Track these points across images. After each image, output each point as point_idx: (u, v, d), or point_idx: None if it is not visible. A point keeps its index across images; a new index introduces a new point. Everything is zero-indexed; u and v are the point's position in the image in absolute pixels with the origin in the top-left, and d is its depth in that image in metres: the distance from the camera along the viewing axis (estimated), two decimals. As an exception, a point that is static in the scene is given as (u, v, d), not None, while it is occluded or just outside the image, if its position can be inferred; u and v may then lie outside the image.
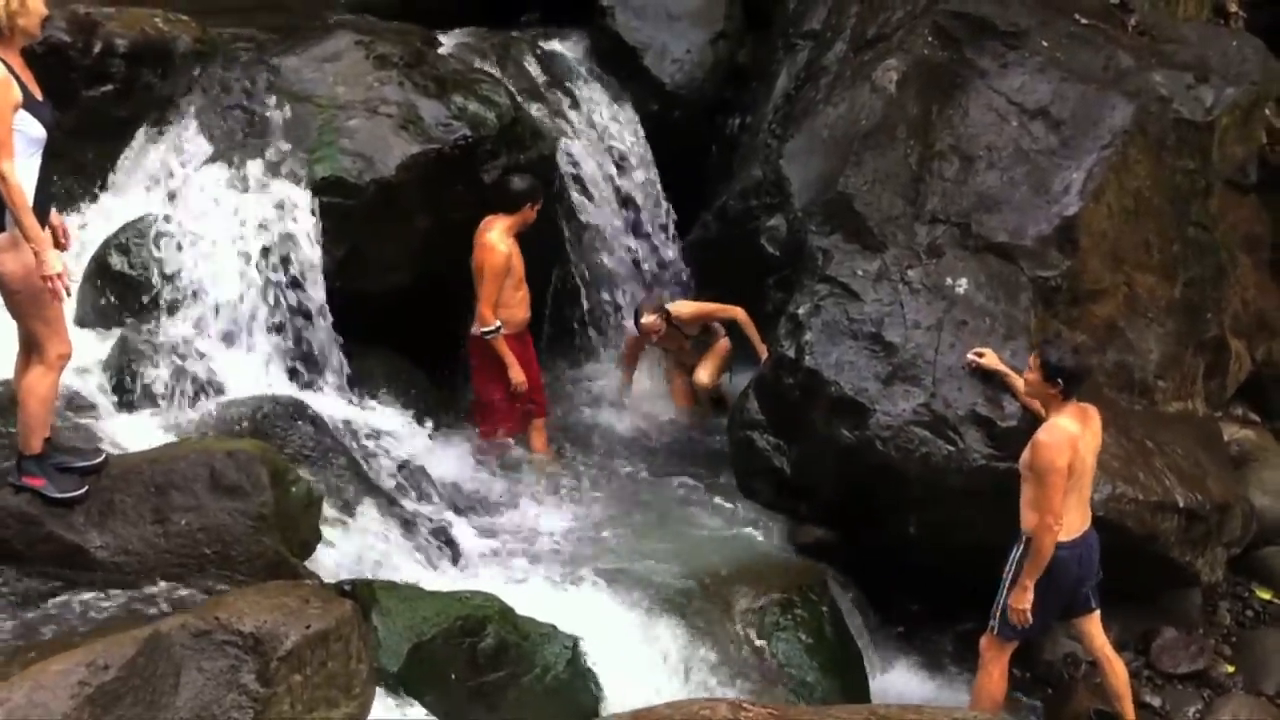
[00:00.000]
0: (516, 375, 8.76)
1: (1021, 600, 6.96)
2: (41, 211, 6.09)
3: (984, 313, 8.12)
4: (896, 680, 7.91)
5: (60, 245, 6.41)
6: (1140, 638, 8.25)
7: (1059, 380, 6.88)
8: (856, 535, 8.19)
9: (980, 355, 7.70)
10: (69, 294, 6.21)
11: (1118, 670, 7.34)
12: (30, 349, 6.30)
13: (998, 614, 7.08)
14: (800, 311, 8.26)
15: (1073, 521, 6.97)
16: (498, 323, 8.66)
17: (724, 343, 9.60)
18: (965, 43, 9.09)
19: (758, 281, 9.23)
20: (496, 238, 8.62)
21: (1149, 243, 8.78)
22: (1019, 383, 7.49)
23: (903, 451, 7.70)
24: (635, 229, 10.13)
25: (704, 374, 9.52)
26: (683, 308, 9.45)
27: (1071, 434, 6.86)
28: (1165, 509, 7.82)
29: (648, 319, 9.24)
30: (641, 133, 10.29)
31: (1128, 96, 8.75)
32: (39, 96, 6.09)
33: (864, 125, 8.92)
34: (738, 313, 9.33)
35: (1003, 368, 7.65)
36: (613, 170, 10.05)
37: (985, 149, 8.71)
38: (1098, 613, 7.27)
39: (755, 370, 8.77)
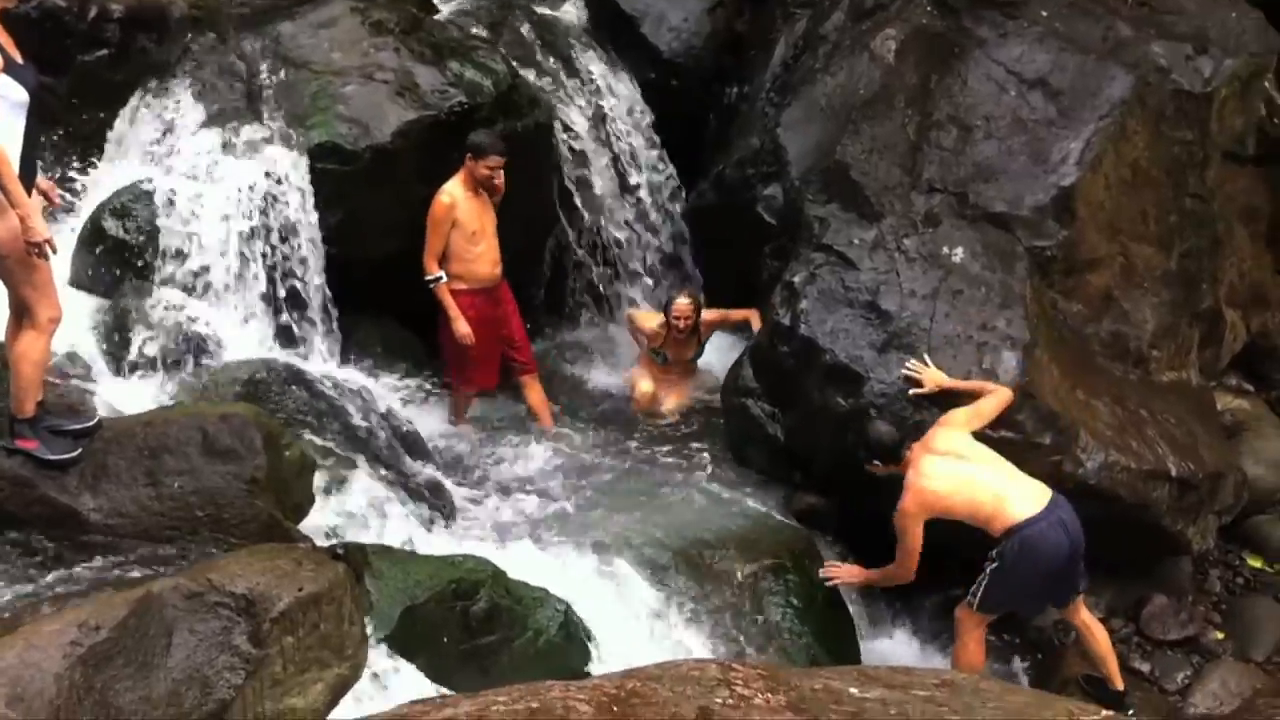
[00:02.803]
0: (460, 328, 8.61)
1: (849, 577, 7.55)
2: (27, 175, 6.05)
3: (980, 282, 8.14)
4: (886, 646, 7.92)
5: (50, 202, 6.42)
6: (1131, 604, 8.28)
7: (878, 462, 7.27)
8: (850, 503, 8.19)
9: (920, 385, 7.68)
10: (54, 252, 6.20)
11: (1099, 636, 7.40)
12: (21, 314, 6.30)
13: (977, 591, 7.12)
14: (796, 280, 8.27)
15: (1025, 498, 7.01)
16: (439, 273, 8.58)
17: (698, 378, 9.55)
18: (964, 12, 9.09)
19: (754, 250, 9.21)
20: (445, 188, 8.54)
21: (1146, 213, 8.78)
22: (964, 385, 7.59)
23: (897, 419, 7.70)
24: (632, 196, 10.10)
25: (672, 404, 9.33)
26: (709, 314, 9.32)
27: (923, 490, 7.09)
28: (1157, 477, 7.86)
29: (682, 302, 9.07)
30: (639, 101, 10.25)
31: (1126, 67, 8.75)
32: (19, 60, 6.05)
33: (862, 94, 8.91)
34: (753, 316, 9.19)
35: (945, 384, 7.62)
36: (609, 138, 10.01)
37: (983, 119, 8.72)
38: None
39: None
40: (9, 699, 4.88)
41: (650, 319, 9.41)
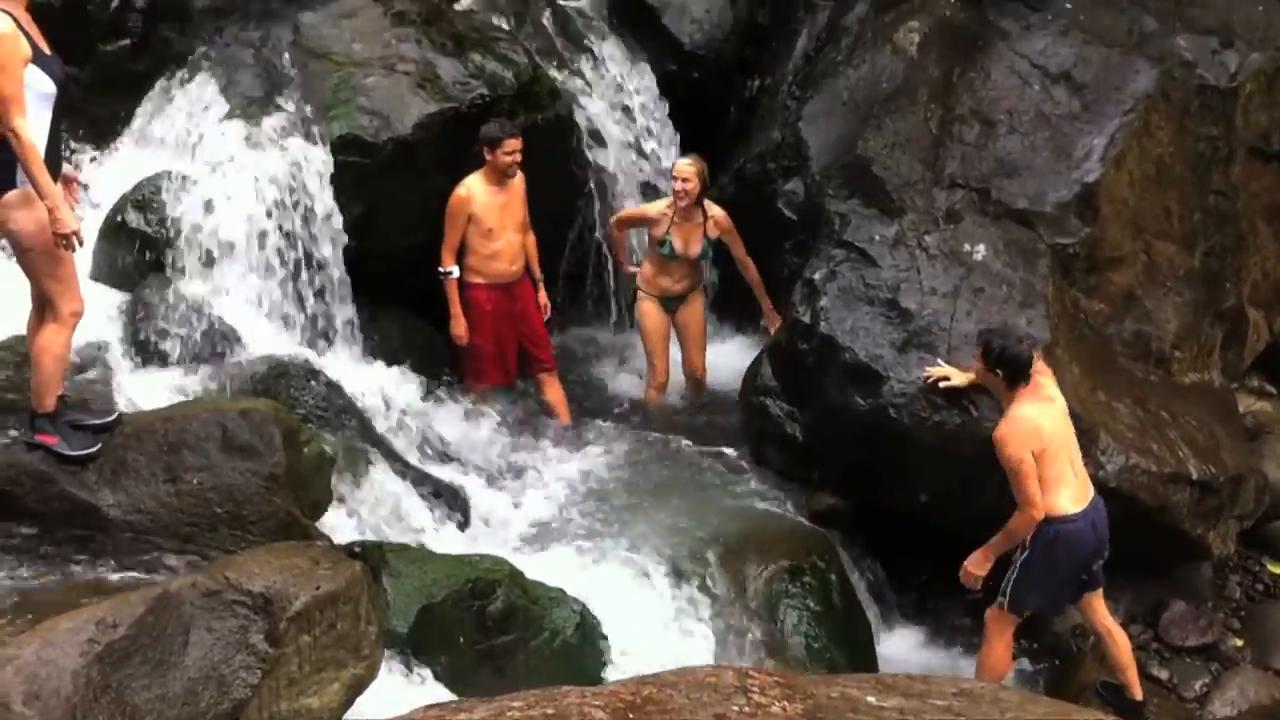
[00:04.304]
0: (455, 327, 8.69)
1: (978, 564, 7.05)
2: (53, 167, 6.08)
3: (1001, 280, 8.10)
4: (904, 649, 7.91)
5: (70, 195, 6.44)
6: (1149, 610, 8.23)
7: (999, 370, 6.93)
8: (868, 503, 8.18)
9: (947, 379, 7.62)
10: (81, 244, 6.22)
11: (1120, 643, 7.34)
12: (43, 307, 6.32)
13: (1007, 588, 7.07)
14: (816, 276, 8.25)
15: (1077, 493, 6.96)
16: (451, 268, 8.61)
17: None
18: (987, 4, 9.07)
19: (774, 245, 9.19)
20: (464, 181, 8.55)
21: (1169, 210, 8.73)
22: None
23: (916, 419, 7.70)
24: (652, 190, 10.05)
25: (699, 363, 9.28)
26: (717, 212, 9.06)
27: (1029, 421, 6.86)
28: (1178, 480, 7.81)
29: (684, 162, 8.88)
30: (659, 93, 10.20)
31: (1151, 61, 8.70)
32: (47, 51, 6.07)
33: (884, 88, 8.89)
34: (750, 266, 9.13)
35: (972, 375, 7.54)
36: (630, 131, 9.97)
37: (1006, 113, 8.68)
38: (1101, 589, 7.27)
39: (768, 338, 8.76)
40: (26, 696, 4.91)
41: (652, 206, 9.25)
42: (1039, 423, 6.87)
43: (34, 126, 5.95)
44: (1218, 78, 8.84)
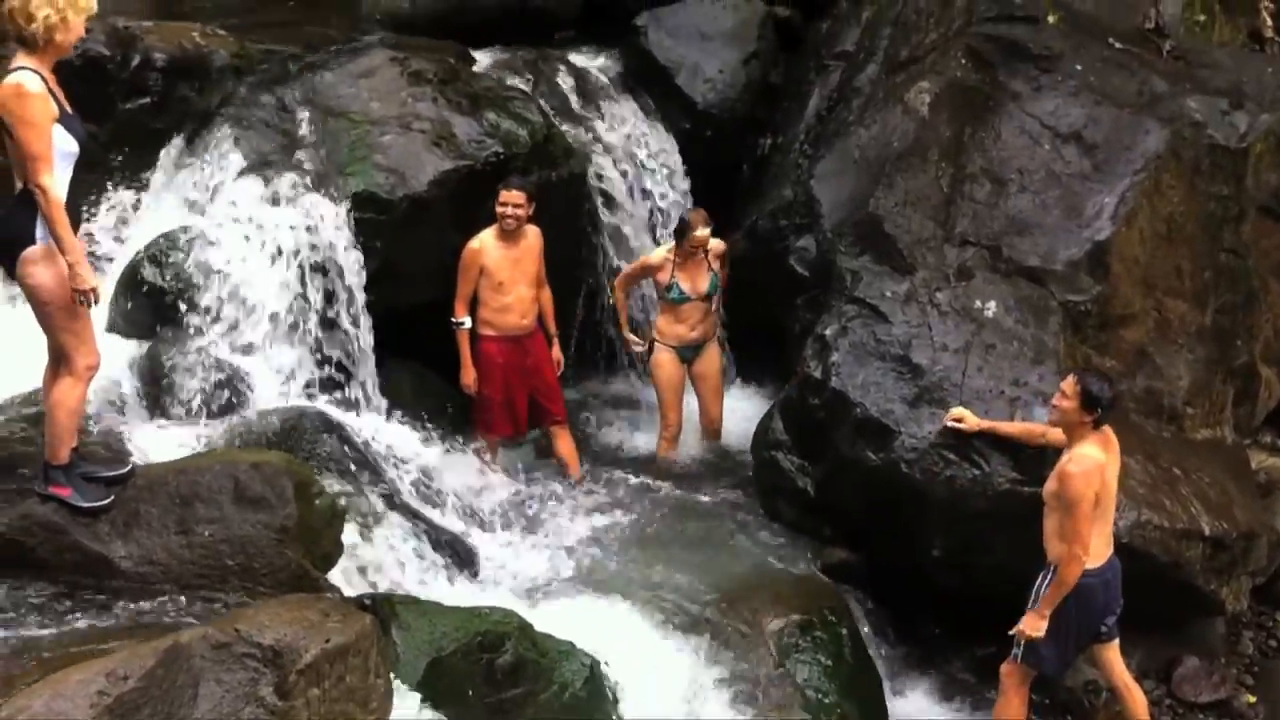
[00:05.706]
0: (465, 376, 8.79)
1: (1035, 627, 6.94)
2: (71, 223, 6.15)
3: (1012, 336, 8.11)
4: (915, 703, 7.86)
5: None
6: (1162, 666, 8.20)
7: (1098, 409, 6.84)
8: (879, 557, 8.16)
9: (959, 420, 7.66)
10: (98, 301, 6.28)
11: (1137, 698, 7.30)
12: (59, 360, 6.37)
13: (1022, 641, 7.04)
14: (828, 332, 8.28)
15: (1099, 548, 6.95)
16: (464, 319, 8.69)
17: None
18: (998, 66, 9.09)
19: (786, 301, 9.23)
20: (478, 235, 8.65)
21: (1180, 268, 8.73)
22: (1009, 429, 7.56)
23: (928, 474, 7.71)
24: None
25: (716, 414, 9.39)
26: (715, 243, 9.21)
27: (1099, 462, 6.85)
28: (1191, 536, 7.77)
29: (702, 231, 8.95)
30: (673, 151, 10.31)
31: (1161, 121, 8.73)
32: (70, 110, 6.17)
33: (895, 147, 8.93)
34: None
35: (985, 424, 7.62)
36: (644, 189, 10.06)
37: (1017, 172, 8.71)
38: (1117, 641, 7.23)
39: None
40: (37, 747, 4.92)
41: (653, 255, 9.32)
42: (1104, 465, 6.89)
43: (57, 183, 6.04)
44: (1228, 138, 8.86)
